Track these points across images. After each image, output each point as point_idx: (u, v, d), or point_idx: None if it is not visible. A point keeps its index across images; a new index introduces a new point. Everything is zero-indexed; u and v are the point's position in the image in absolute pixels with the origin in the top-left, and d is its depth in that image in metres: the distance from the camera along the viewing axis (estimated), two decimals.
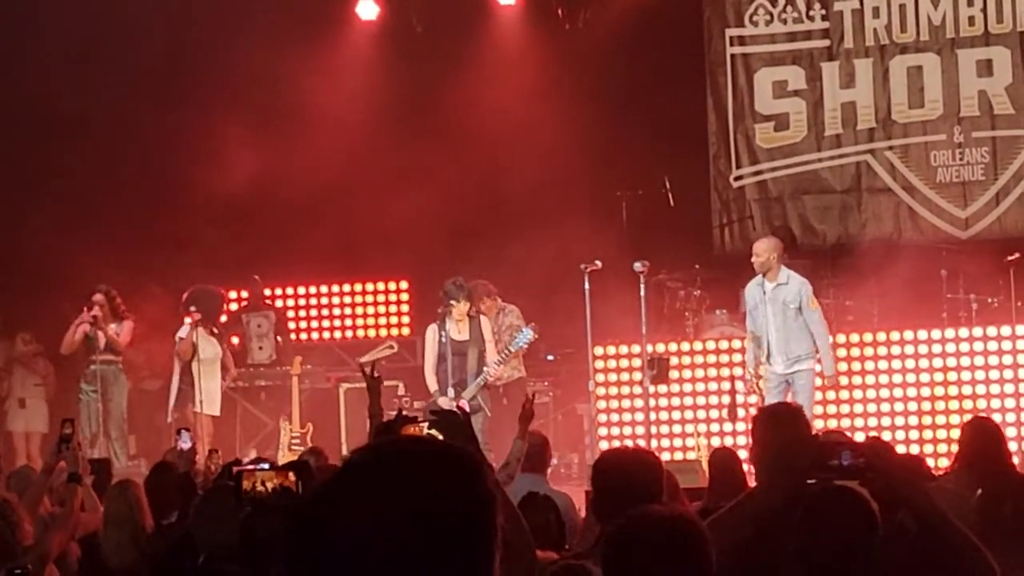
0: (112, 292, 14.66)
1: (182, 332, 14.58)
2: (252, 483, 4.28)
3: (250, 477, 4.55)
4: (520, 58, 16.89)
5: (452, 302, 12.96)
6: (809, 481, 3.93)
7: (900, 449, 13.52)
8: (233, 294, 17.03)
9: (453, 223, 15.67)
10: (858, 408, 14.10)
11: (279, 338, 16.57)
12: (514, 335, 13.56)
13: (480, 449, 4.55)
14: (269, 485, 4.04)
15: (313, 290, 17.12)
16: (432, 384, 13.14)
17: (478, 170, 15.78)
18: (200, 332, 14.49)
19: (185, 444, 8.44)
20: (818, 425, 12.70)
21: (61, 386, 15.61)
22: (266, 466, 4.40)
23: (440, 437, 4.41)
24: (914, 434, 13.94)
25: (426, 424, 4.45)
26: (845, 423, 13.74)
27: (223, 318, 16.39)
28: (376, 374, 6.83)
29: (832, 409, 13.80)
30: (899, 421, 14.01)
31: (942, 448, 13.58)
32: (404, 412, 5.09)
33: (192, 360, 14.48)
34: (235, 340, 16.45)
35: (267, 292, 17.00)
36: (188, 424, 13.58)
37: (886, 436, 13.80)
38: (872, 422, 13.95)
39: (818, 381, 13.01)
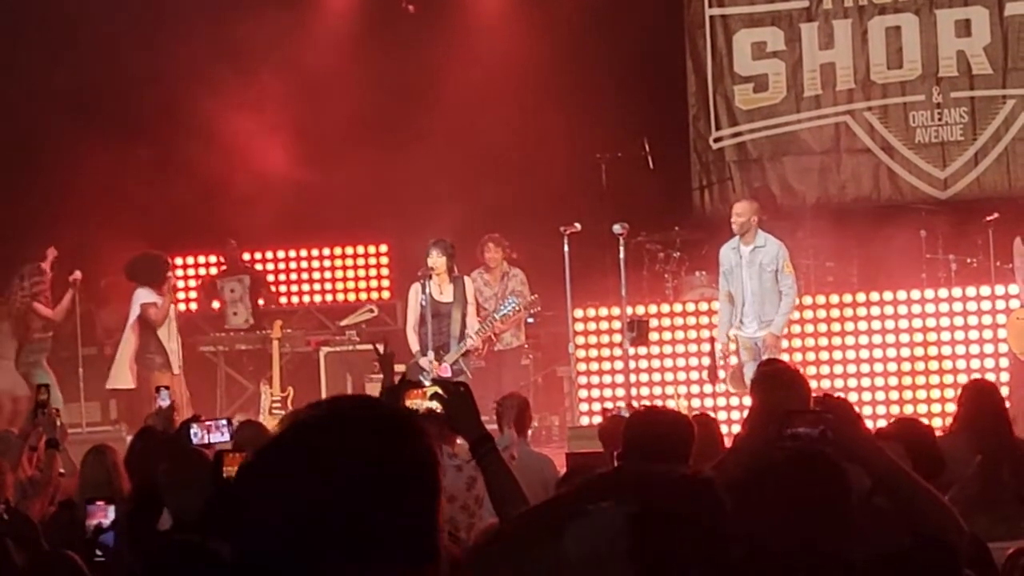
0: None
1: (151, 298, 14.04)
2: (235, 468, 4.23)
3: (231, 462, 4.49)
4: (499, 21, 16.81)
5: (427, 259, 12.97)
6: (779, 445, 3.90)
7: (880, 410, 13.59)
8: (213, 259, 16.97)
9: (433, 186, 15.63)
10: (837, 369, 14.12)
11: (260, 301, 16.45)
12: (498, 303, 13.54)
13: (480, 418, 4.53)
14: None
15: (293, 254, 17.07)
16: (414, 344, 13.11)
17: (458, 133, 15.72)
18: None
19: (164, 402, 8.40)
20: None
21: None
22: (226, 438, 4.30)
23: (439, 408, 4.40)
24: (894, 395, 13.95)
25: (429, 391, 4.43)
26: (825, 384, 13.76)
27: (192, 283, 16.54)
28: (389, 350, 6.80)
29: (812, 371, 13.80)
30: (879, 382, 14.02)
31: (922, 408, 13.60)
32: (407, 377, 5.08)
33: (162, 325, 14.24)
34: (215, 305, 16.43)
35: (246, 257, 16.94)
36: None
37: (866, 397, 13.86)
38: (852, 383, 13.96)
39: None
